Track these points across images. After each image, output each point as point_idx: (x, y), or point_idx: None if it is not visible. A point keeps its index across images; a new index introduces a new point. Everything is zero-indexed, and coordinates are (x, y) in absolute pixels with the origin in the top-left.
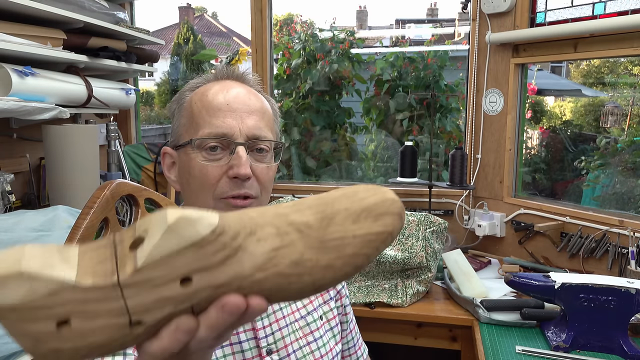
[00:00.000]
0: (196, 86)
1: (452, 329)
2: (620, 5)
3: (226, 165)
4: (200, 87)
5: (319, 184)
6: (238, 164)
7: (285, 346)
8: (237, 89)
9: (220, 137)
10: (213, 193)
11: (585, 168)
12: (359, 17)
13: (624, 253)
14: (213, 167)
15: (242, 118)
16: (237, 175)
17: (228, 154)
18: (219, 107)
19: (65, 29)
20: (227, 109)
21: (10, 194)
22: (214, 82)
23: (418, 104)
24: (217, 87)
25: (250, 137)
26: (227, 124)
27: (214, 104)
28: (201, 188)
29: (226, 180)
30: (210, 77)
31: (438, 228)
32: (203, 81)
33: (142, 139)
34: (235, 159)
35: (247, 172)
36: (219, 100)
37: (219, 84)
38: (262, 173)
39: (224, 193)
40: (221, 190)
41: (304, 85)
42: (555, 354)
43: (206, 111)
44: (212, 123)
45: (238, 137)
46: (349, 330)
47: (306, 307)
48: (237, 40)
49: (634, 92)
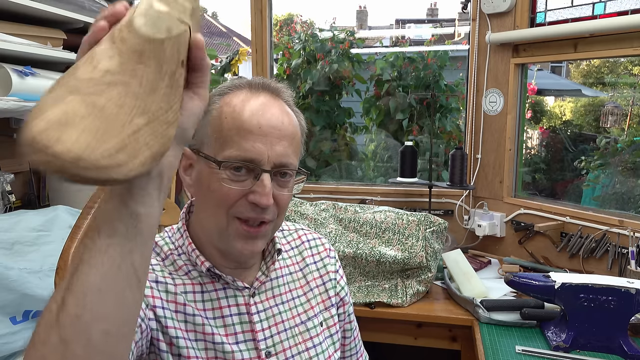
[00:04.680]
0: (226, 92)
1: (452, 329)
2: (620, 5)
3: (248, 189)
4: (231, 94)
5: (319, 184)
6: (261, 192)
7: (283, 350)
8: (272, 108)
9: (248, 161)
10: (228, 211)
11: (585, 168)
12: (359, 17)
13: (624, 253)
14: (235, 190)
15: (272, 144)
16: (258, 203)
17: (252, 178)
18: (250, 129)
19: (65, 29)
20: (258, 132)
21: (10, 194)
22: (247, 93)
23: (418, 104)
24: (249, 103)
25: (277, 165)
26: (257, 149)
27: (245, 126)
28: (218, 204)
29: (244, 202)
30: (242, 84)
31: (438, 228)
32: (234, 87)
33: None
34: (259, 187)
35: (269, 203)
36: (252, 121)
37: (252, 97)
38: (282, 199)
39: (239, 213)
40: (237, 210)
41: (304, 85)
42: (555, 354)
43: (236, 131)
44: (241, 146)
45: (265, 163)
46: (353, 338)
47: (307, 312)
48: (237, 40)
49: (634, 92)
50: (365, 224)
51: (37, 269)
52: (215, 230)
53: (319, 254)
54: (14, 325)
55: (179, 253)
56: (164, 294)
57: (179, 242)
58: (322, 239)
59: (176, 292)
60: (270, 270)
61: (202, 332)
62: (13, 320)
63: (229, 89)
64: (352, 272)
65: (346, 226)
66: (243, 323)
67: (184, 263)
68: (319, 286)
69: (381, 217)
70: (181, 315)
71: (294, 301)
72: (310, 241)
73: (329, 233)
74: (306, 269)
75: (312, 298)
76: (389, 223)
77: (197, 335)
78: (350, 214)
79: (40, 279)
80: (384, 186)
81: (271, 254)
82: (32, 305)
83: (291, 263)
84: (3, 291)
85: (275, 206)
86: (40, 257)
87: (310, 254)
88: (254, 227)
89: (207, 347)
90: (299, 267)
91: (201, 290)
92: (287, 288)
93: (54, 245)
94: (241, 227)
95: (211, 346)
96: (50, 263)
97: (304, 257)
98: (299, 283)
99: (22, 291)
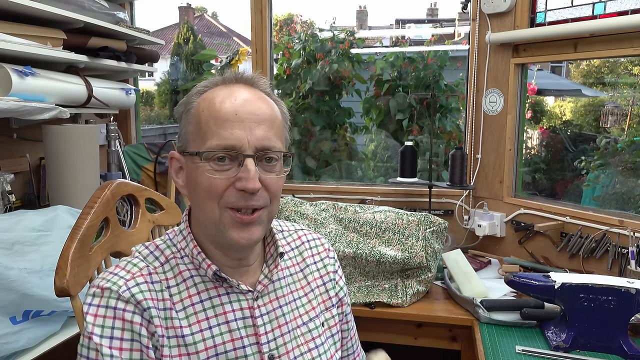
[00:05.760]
0: (203, 90)
1: (452, 329)
2: (620, 5)
3: (234, 177)
4: (208, 91)
5: (319, 184)
6: (246, 177)
7: (287, 352)
8: (245, 94)
9: (228, 149)
10: (219, 202)
11: (585, 168)
12: (359, 17)
13: (624, 253)
14: (221, 179)
15: (251, 129)
16: (244, 189)
17: (236, 165)
18: (226, 117)
19: (65, 29)
20: (235, 119)
21: (10, 194)
22: (222, 87)
23: (418, 104)
24: (224, 93)
25: (259, 149)
26: (235, 135)
27: (221, 114)
28: (208, 197)
29: (233, 191)
30: (218, 81)
31: (438, 228)
32: (211, 85)
33: (142, 139)
34: (243, 172)
35: (256, 187)
36: (227, 109)
37: (226, 89)
38: (271, 183)
39: (230, 203)
40: (227, 200)
41: (304, 85)
42: (555, 354)
43: (214, 121)
44: (220, 134)
45: (247, 148)
46: (349, 338)
47: (308, 313)
48: (237, 40)
49: (634, 92)
50: (365, 224)
51: (37, 269)
52: (211, 223)
53: (319, 254)
54: (14, 325)
55: (181, 256)
56: (164, 321)
57: (182, 244)
58: (322, 239)
59: (172, 317)
60: (273, 273)
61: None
62: (13, 320)
63: (206, 87)
64: (352, 272)
65: (346, 226)
66: (247, 327)
67: (187, 268)
68: (319, 286)
69: (381, 217)
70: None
71: (295, 302)
72: (310, 241)
73: (329, 233)
74: (307, 269)
75: (313, 299)
76: (389, 223)
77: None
78: (350, 214)
79: (40, 279)
80: (384, 186)
81: (273, 257)
82: (32, 305)
83: (292, 264)
84: (3, 291)
85: (265, 191)
86: (40, 257)
87: (311, 254)
88: (247, 214)
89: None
90: (299, 268)
91: (200, 300)
92: (289, 289)
93: (54, 245)
94: (234, 216)
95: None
96: (50, 263)
97: (304, 258)
98: (300, 284)
99: (22, 291)
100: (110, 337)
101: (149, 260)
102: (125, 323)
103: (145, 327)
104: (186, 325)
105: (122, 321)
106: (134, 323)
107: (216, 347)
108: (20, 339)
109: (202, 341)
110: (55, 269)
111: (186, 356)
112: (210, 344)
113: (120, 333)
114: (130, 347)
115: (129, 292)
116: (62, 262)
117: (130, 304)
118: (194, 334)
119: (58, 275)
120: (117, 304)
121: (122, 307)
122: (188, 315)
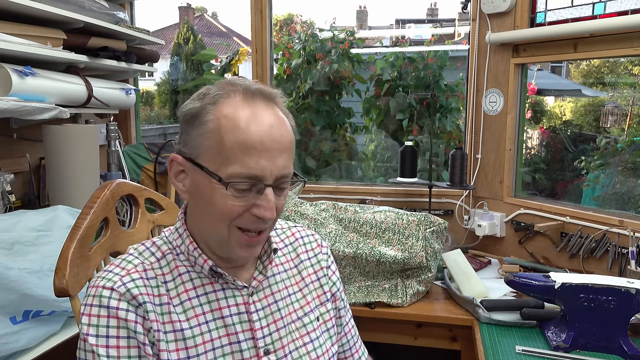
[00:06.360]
0: (218, 98)
1: (452, 329)
2: (620, 5)
3: (251, 203)
4: (224, 102)
5: (319, 184)
6: (265, 206)
7: (282, 347)
8: (269, 118)
9: (252, 178)
10: (230, 222)
11: (585, 168)
12: (359, 17)
13: (624, 253)
14: (239, 206)
15: (274, 158)
16: (262, 217)
17: (255, 192)
18: (253, 145)
19: (65, 29)
20: (261, 148)
21: (10, 194)
22: (241, 101)
23: (418, 104)
24: (247, 115)
25: (279, 178)
26: (260, 165)
27: (248, 142)
28: (220, 218)
29: (248, 215)
30: (235, 90)
31: (438, 228)
32: (226, 93)
33: (142, 139)
34: (263, 201)
35: (273, 217)
36: (253, 136)
37: (247, 107)
38: (280, 206)
39: (241, 224)
40: (239, 222)
41: (304, 85)
42: (555, 354)
43: (239, 148)
44: (245, 163)
45: (268, 178)
46: (344, 333)
47: (303, 308)
48: (237, 40)
49: (634, 92)
50: (365, 224)
51: (37, 269)
52: (216, 240)
53: (313, 250)
54: (14, 325)
55: (177, 253)
56: (160, 316)
57: (177, 242)
58: (315, 235)
59: (170, 312)
60: (268, 269)
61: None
62: (13, 320)
63: (220, 95)
64: (352, 272)
65: (346, 226)
66: (243, 322)
67: (182, 264)
68: (313, 282)
69: (381, 217)
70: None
71: (290, 297)
72: (304, 237)
73: (329, 233)
74: (301, 265)
75: (307, 294)
76: (389, 223)
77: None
78: (350, 214)
79: (40, 279)
80: (384, 186)
81: (267, 254)
82: (32, 305)
83: (286, 260)
84: (3, 291)
85: (274, 213)
86: (40, 257)
87: (304, 250)
88: (254, 236)
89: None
90: (293, 264)
91: (196, 295)
92: (284, 285)
93: (54, 245)
94: (242, 237)
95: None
96: (50, 263)
97: (298, 254)
98: (295, 279)
99: (22, 291)
100: (106, 336)
101: (145, 256)
102: (120, 321)
103: (140, 324)
104: (184, 319)
105: (117, 319)
106: (128, 321)
107: (212, 341)
108: (20, 339)
109: (200, 335)
110: (55, 269)
111: (184, 350)
112: (207, 339)
113: (116, 331)
114: (128, 344)
115: (124, 287)
116: (61, 262)
117: (124, 301)
118: (192, 327)
119: (57, 276)
120: (110, 303)
121: (115, 306)
122: (185, 309)
